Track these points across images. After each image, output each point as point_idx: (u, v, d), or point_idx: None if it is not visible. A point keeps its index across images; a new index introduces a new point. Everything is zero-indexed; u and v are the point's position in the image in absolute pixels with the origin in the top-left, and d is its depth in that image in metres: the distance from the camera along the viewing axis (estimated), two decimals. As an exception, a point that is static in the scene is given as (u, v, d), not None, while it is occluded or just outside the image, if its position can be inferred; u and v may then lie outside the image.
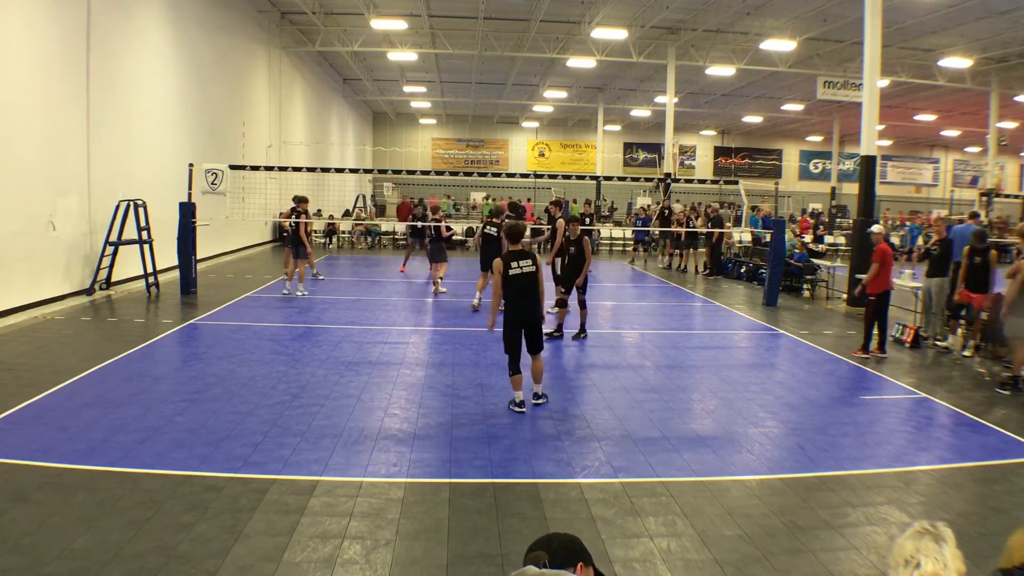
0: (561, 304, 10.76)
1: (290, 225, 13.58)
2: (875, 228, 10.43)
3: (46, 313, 10.90)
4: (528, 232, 10.65)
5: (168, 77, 15.97)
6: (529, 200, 29.28)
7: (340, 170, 20.44)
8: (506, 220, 13.03)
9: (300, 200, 13.55)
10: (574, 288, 10.47)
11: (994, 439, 6.58)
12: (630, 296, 16.29)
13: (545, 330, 10.64)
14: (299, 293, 13.40)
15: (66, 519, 4.39)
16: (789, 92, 32.18)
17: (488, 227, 12.80)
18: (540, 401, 7.07)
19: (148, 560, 3.95)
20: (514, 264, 6.87)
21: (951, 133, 40.22)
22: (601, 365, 9.01)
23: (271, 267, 18.33)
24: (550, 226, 12.39)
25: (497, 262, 6.95)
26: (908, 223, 24.39)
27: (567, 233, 10.74)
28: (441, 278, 14.61)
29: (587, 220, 20.61)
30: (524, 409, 6.86)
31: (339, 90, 35.36)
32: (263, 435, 5.96)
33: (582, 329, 10.49)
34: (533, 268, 6.89)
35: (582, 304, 10.58)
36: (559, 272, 10.98)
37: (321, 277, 16.07)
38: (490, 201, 33.08)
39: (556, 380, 8.16)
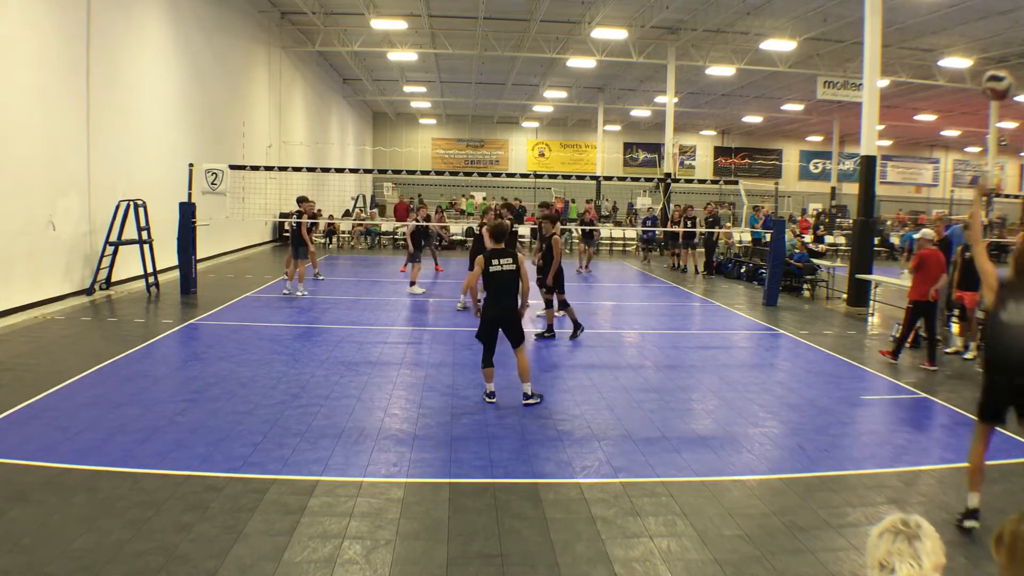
0: (547, 304, 10.70)
1: (291, 225, 13.66)
2: (920, 234, 9.93)
3: (46, 313, 10.90)
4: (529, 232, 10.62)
5: (168, 77, 15.97)
6: (517, 199, 29.43)
7: (340, 170, 20.44)
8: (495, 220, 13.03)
9: (303, 200, 13.68)
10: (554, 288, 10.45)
11: (994, 439, 6.53)
12: (630, 296, 16.29)
13: (536, 330, 10.65)
14: (299, 293, 13.40)
15: (66, 519, 4.39)
16: (789, 92, 32.18)
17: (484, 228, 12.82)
18: (531, 402, 6.99)
19: (148, 560, 3.95)
20: (495, 262, 7.00)
21: (951, 133, 40.21)
22: (601, 365, 9.00)
23: (271, 267, 18.33)
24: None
25: (479, 259, 7.11)
26: (911, 229, 24.24)
27: (542, 231, 10.75)
28: (413, 282, 14.43)
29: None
30: (495, 400, 7.05)
31: (339, 90, 35.36)
32: (263, 435, 5.96)
33: (576, 327, 10.45)
34: (514, 267, 7.01)
35: (563, 304, 10.54)
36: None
37: (322, 277, 16.10)
38: (481, 200, 33.26)
39: (556, 380, 8.16)
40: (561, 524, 4.56)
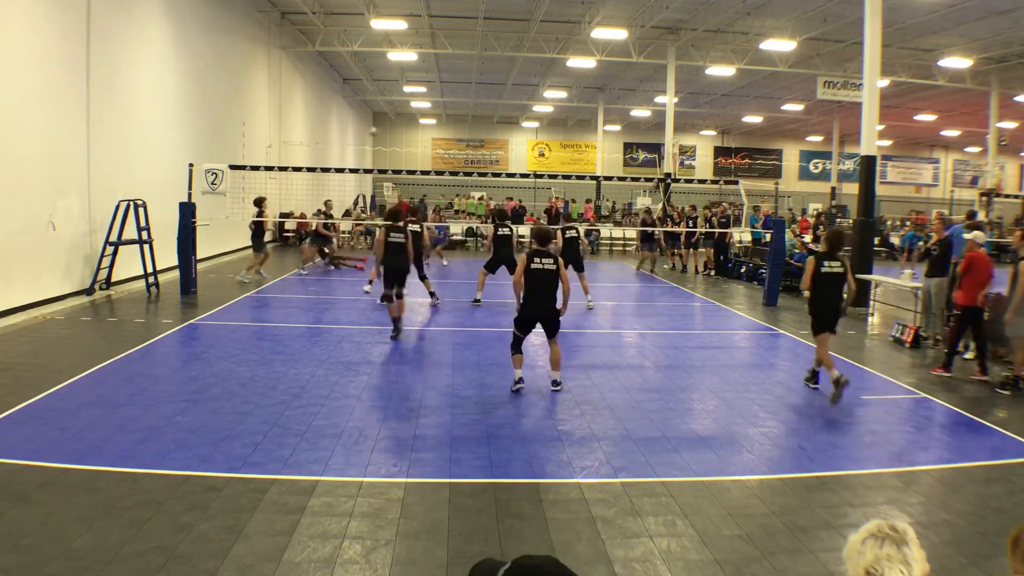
0: (388, 299, 10.06)
1: (251, 225, 14.76)
2: (971, 235, 9.62)
3: (46, 313, 10.89)
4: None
5: (168, 77, 15.96)
6: (510, 199, 29.54)
7: (340, 170, 20.44)
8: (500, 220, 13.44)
9: (260, 201, 14.86)
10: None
11: (994, 439, 6.58)
12: (630, 296, 16.29)
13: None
14: (242, 278, 14.45)
15: (66, 519, 4.38)
16: (789, 92, 32.16)
17: (501, 228, 13.30)
18: (557, 388, 7.55)
19: (148, 560, 3.95)
20: (536, 260, 7.40)
21: (951, 133, 40.19)
22: (601, 365, 9.00)
23: (271, 267, 18.29)
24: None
25: (521, 257, 7.56)
26: (910, 230, 24.23)
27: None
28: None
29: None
30: (522, 386, 7.49)
31: (339, 90, 35.34)
32: (263, 435, 5.96)
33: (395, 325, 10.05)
34: (554, 267, 7.42)
35: (400, 296, 10.15)
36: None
37: (305, 272, 17.08)
38: (478, 201, 33.45)
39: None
40: (561, 524, 4.56)
